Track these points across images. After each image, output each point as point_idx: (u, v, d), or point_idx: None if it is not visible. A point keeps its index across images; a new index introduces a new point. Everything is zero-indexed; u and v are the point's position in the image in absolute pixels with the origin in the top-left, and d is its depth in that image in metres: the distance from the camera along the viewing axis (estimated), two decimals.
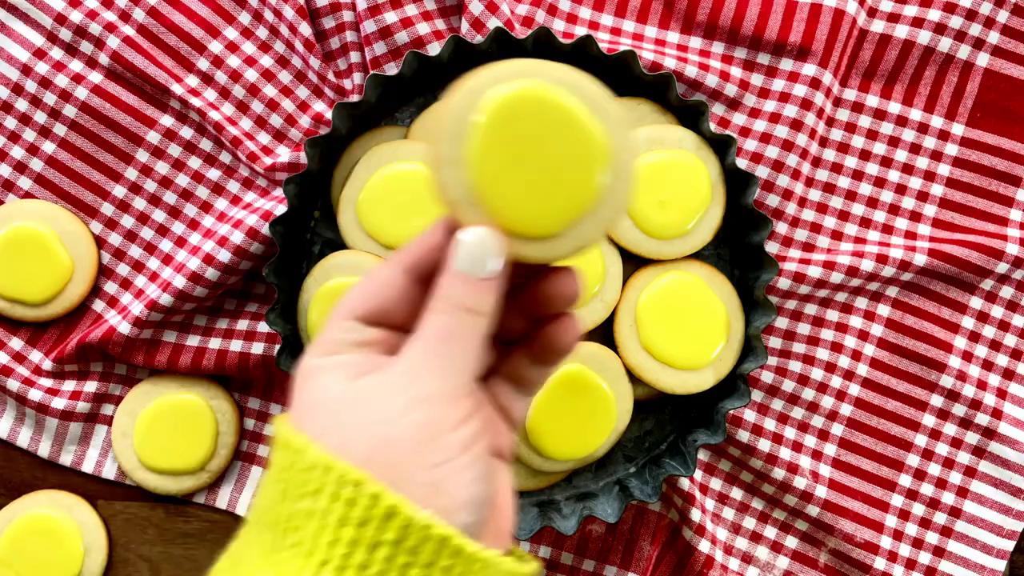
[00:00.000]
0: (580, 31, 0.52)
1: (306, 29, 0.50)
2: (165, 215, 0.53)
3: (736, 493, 0.52)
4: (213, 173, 0.52)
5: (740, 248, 0.49)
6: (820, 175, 0.53)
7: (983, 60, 0.52)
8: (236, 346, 0.51)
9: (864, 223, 0.52)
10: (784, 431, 0.52)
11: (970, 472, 0.52)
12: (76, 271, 0.51)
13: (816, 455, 0.52)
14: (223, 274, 0.50)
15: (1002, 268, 0.51)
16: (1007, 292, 0.52)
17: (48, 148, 0.52)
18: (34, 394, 0.51)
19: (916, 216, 0.52)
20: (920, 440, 0.52)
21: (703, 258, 0.49)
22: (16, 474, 0.53)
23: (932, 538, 0.52)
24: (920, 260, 0.51)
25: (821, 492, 0.51)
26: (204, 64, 0.52)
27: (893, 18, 0.52)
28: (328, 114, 0.51)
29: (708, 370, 0.47)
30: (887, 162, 0.52)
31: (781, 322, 0.52)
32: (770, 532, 0.52)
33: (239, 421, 0.52)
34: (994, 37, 0.52)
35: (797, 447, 0.52)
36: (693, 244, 0.48)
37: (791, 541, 0.52)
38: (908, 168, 0.52)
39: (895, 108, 0.52)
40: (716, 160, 0.48)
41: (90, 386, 0.52)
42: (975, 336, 0.52)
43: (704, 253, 0.49)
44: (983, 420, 0.51)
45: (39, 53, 0.52)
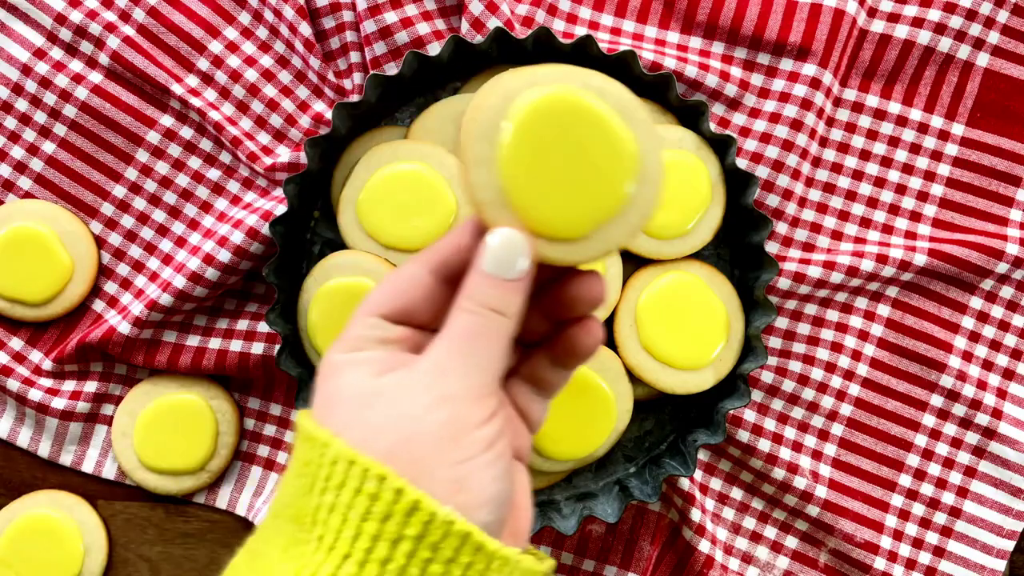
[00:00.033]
0: (580, 31, 0.52)
1: (306, 29, 0.50)
2: (165, 215, 0.53)
3: (736, 493, 0.52)
4: (213, 173, 0.52)
5: (740, 248, 0.49)
6: (820, 175, 0.53)
7: (983, 60, 0.52)
8: (236, 346, 0.51)
9: (864, 223, 0.52)
10: (784, 431, 0.52)
11: (970, 472, 0.52)
12: (76, 271, 0.51)
13: (816, 455, 0.52)
14: (223, 274, 0.50)
15: (1002, 268, 0.51)
16: (1007, 292, 0.52)
17: (48, 148, 0.52)
18: (34, 394, 0.51)
19: (916, 216, 0.52)
20: (920, 440, 0.52)
21: (703, 258, 0.49)
22: (16, 474, 0.53)
23: (932, 538, 0.52)
24: (920, 260, 0.51)
25: (821, 492, 0.51)
26: (204, 64, 0.52)
27: (893, 18, 0.52)
28: (328, 114, 0.51)
29: (708, 370, 0.47)
30: (887, 162, 0.52)
31: (781, 322, 0.52)
32: (770, 532, 0.52)
33: (239, 421, 0.52)
34: (994, 37, 0.52)
35: (797, 447, 0.52)
36: (693, 244, 0.48)
37: (791, 541, 0.52)
38: (908, 168, 0.52)
39: (895, 108, 0.52)
40: (716, 160, 0.48)
41: (90, 386, 0.52)
42: (975, 336, 0.52)
43: (704, 253, 0.49)
44: (983, 420, 0.51)
45: (39, 53, 0.52)
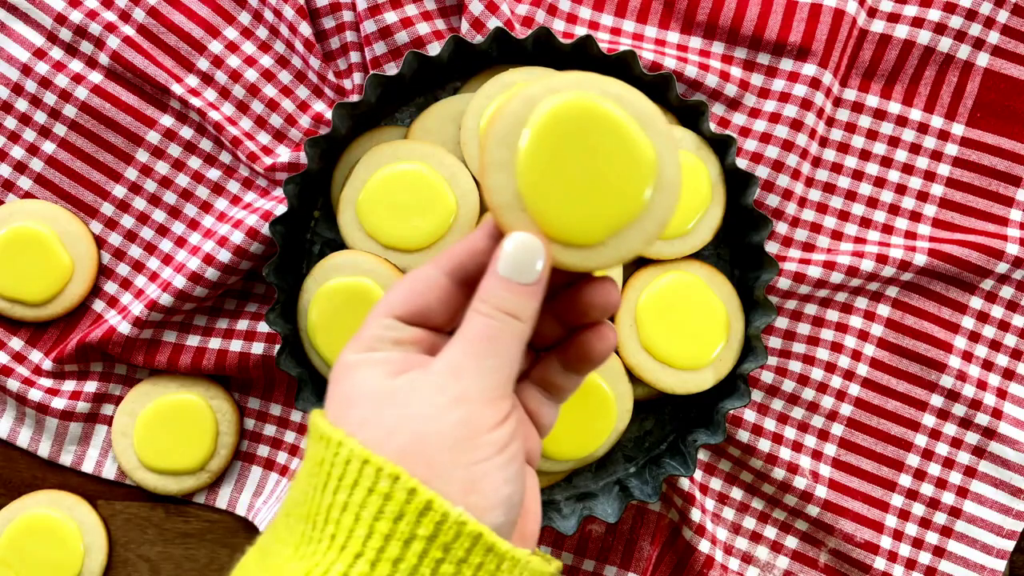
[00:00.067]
0: (580, 31, 0.52)
1: (306, 29, 0.50)
2: (165, 215, 0.53)
3: (736, 493, 0.52)
4: (213, 173, 0.52)
5: (740, 248, 0.49)
6: (820, 175, 0.53)
7: (983, 60, 0.52)
8: (236, 346, 0.51)
9: (864, 223, 0.52)
10: (784, 431, 0.52)
11: (970, 472, 0.52)
12: (76, 271, 0.51)
13: (816, 455, 0.52)
14: (223, 274, 0.50)
15: (1002, 268, 0.51)
16: (1007, 292, 0.52)
17: (48, 148, 0.52)
18: (34, 394, 0.51)
19: (916, 216, 0.52)
20: (920, 440, 0.52)
21: (703, 258, 0.49)
22: (16, 474, 0.53)
23: (932, 538, 0.52)
24: (920, 260, 0.51)
25: (821, 492, 0.51)
26: (204, 64, 0.52)
27: (893, 18, 0.52)
28: (328, 114, 0.51)
29: (708, 370, 0.47)
30: (887, 162, 0.52)
31: (781, 322, 0.52)
32: (770, 532, 0.52)
33: (239, 421, 0.52)
34: (994, 37, 0.52)
35: (797, 447, 0.52)
36: (693, 244, 0.48)
37: (791, 541, 0.52)
38: (908, 168, 0.52)
39: (895, 108, 0.52)
40: (716, 160, 0.48)
41: (90, 386, 0.52)
42: (975, 336, 0.52)
43: (704, 253, 0.49)
44: (983, 420, 0.51)
45: (39, 53, 0.52)
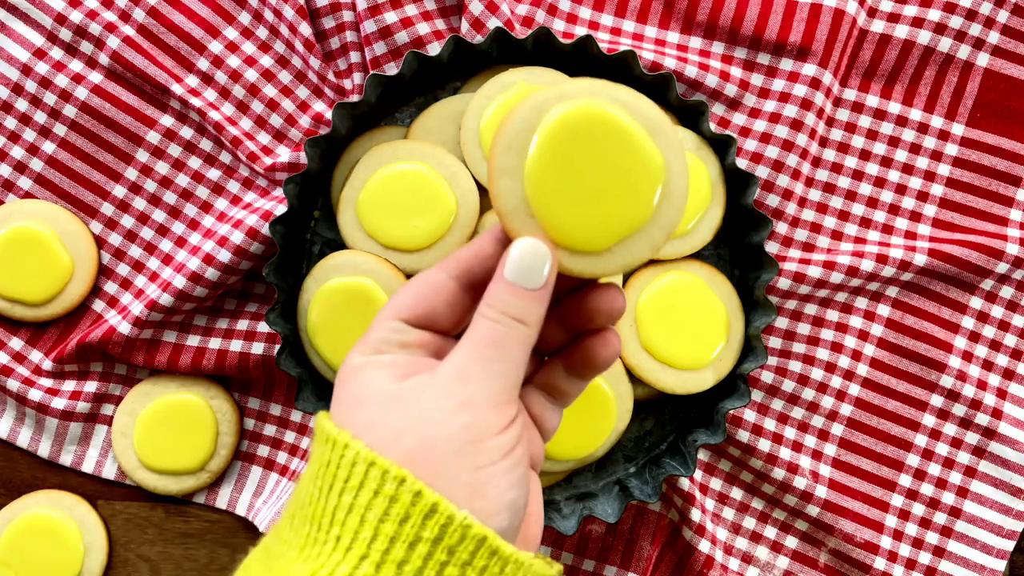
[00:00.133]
0: (580, 31, 0.52)
1: (306, 29, 0.50)
2: (165, 215, 0.53)
3: (736, 493, 0.52)
4: (213, 173, 0.52)
5: (740, 248, 0.49)
6: (820, 175, 0.53)
7: (983, 60, 0.52)
8: (236, 346, 0.51)
9: (864, 223, 0.52)
10: (784, 431, 0.52)
11: (970, 472, 0.52)
12: (76, 271, 0.51)
13: (816, 455, 0.52)
14: (223, 274, 0.50)
15: (1002, 268, 0.51)
16: (1007, 292, 0.52)
17: (48, 148, 0.52)
18: (34, 394, 0.51)
19: (916, 216, 0.52)
20: (920, 440, 0.52)
21: (703, 258, 0.49)
22: (16, 474, 0.53)
23: (932, 538, 0.52)
24: (920, 260, 0.51)
25: (821, 492, 0.51)
26: (204, 64, 0.52)
27: (893, 18, 0.52)
28: (328, 114, 0.51)
29: (708, 370, 0.47)
30: (887, 162, 0.52)
31: (781, 322, 0.52)
32: (770, 532, 0.52)
33: (239, 421, 0.52)
34: (994, 37, 0.52)
35: (797, 447, 0.52)
36: (693, 244, 0.48)
37: (791, 541, 0.52)
38: (908, 168, 0.52)
39: (895, 108, 0.52)
40: (716, 160, 0.48)
41: (90, 386, 0.52)
42: (975, 336, 0.52)
43: (704, 253, 0.49)
44: (983, 420, 0.51)
45: (39, 53, 0.52)
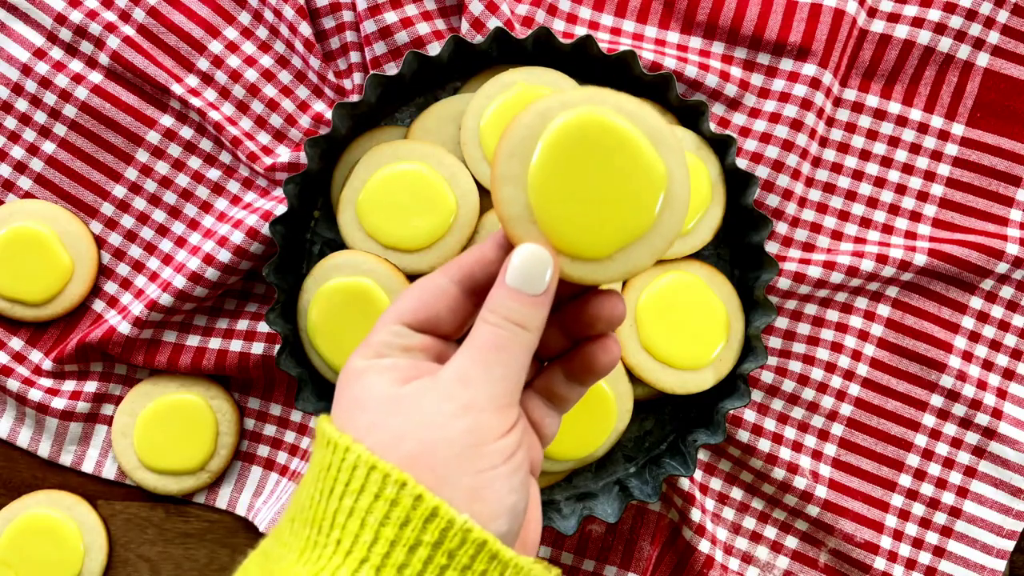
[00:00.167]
0: (580, 31, 0.52)
1: (306, 29, 0.50)
2: (165, 215, 0.53)
3: (736, 493, 0.52)
4: (213, 173, 0.52)
5: (740, 248, 0.49)
6: (820, 175, 0.53)
7: (983, 60, 0.52)
8: (236, 346, 0.51)
9: (864, 223, 0.52)
10: (784, 431, 0.52)
11: (970, 472, 0.52)
12: (76, 271, 0.51)
13: (816, 455, 0.52)
14: (223, 274, 0.50)
15: (1002, 268, 0.51)
16: (1007, 292, 0.52)
17: (48, 148, 0.52)
18: (34, 394, 0.51)
19: (916, 216, 0.52)
20: (920, 440, 0.52)
21: (703, 258, 0.49)
22: (16, 474, 0.53)
23: (932, 538, 0.52)
24: (920, 260, 0.51)
25: (821, 492, 0.51)
26: (204, 64, 0.52)
27: (893, 18, 0.52)
28: (328, 114, 0.51)
29: (708, 370, 0.47)
30: (887, 162, 0.52)
31: (781, 322, 0.52)
32: (770, 532, 0.52)
33: (239, 421, 0.52)
34: (994, 37, 0.52)
35: (797, 447, 0.52)
36: (693, 244, 0.48)
37: (791, 541, 0.52)
38: (908, 168, 0.52)
39: (895, 108, 0.52)
40: (716, 160, 0.48)
41: (90, 386, 0.52)
42: (975, 336, 0.52)
43: (704, 253, 0.49)
44: (983, 420, 0.51)
45: (39, 53, 0.52)
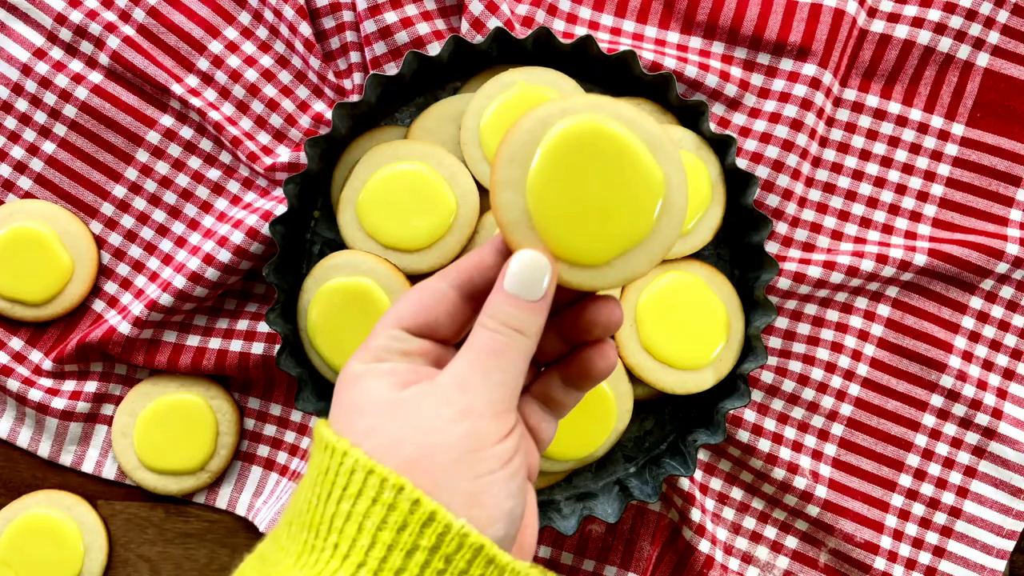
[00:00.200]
0: (580, 31, 0.52)
1: (306, 29, 0.50)
2: (165, 215, 0.53)
3: (736, 493, 0.52)
4: (213, 173, 0.52)
5: (740, 248, 0.49)
6: (820, 175, 0.53)
7: (983, 60, 0.52)
8: (236, 346, 0.51)
9: (864, 223, 0.52)
10: (784, 431, 0.52)
11: (970, 472, 0.52)
12: (76, 271, 0.51)
13: (816, 455, 0.52)
14: (223, 274, 0.50)
15: (1002, 268, 0.51)
16: (1007, 292, 0.52)
17: (48, 148, 0.52)
18: (34, 394, 0.51)
19: (916, 216, 0.52)
20: (920, 440, 0.52)
21: (703, 258, 0.49)
22: (16, 474, 0.53)
23: (932, 538, 0.52)
24: (920, 260, 0.51)
25: (821, 492, 0.51)
26: (204, 64, 0.52)
27: (893, 18, 0.52)
28: (328, 114, 0.51)
29: (708, 370, 0.47)
30: (887, 162, 0.52)
31: (781, 322, 0.52)
32: (770, 532, 0.52)
33: (239, 421, 0.52)
34: (994, 37, 0.52)
35: (797, 447, 0.52)
36: (693, 244, 0.48)
37: (791, 541, 0.52)
38: (908, 168, 0.52)
39: (895, 108, 0.52)
40: (716, 160, 0.48)
41: (90, 386, 0.52)
42: (975, 336, 0.52)
43: (704, 253, 0.49)
44: (983, 420, 0.51)
45: (39, 53, 0.52)
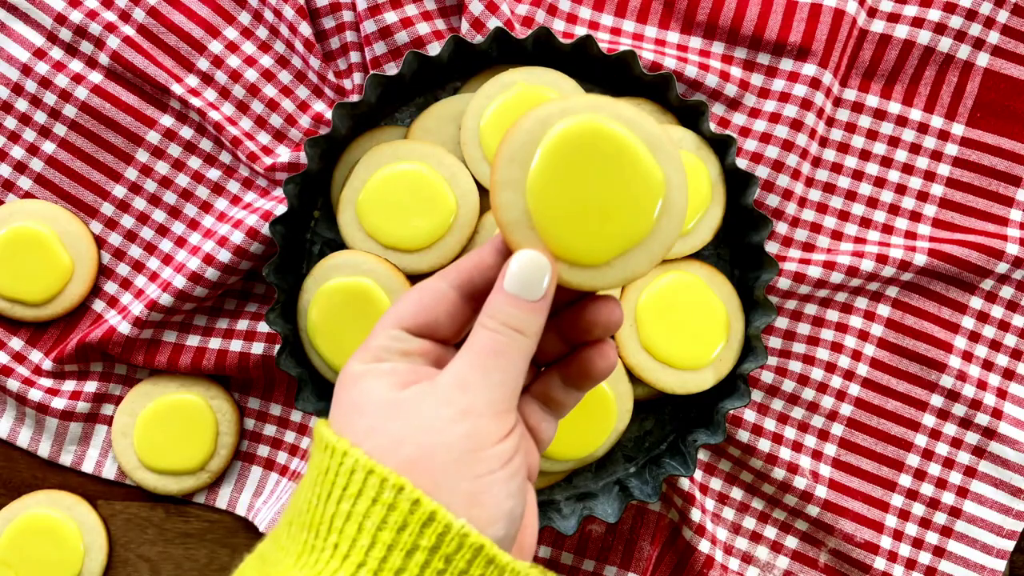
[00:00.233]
0: (580, 31, 0.52)
1: (306, 29, 0.50)
2: (165, 215, 0.53)
3: (736, 493, 0.52)
4: (213, 173, 0.52)
5: (740, 248, 0.49)
6: (820, 175, 0.53)
7: (983, 60, 0.52)
8: (236, 346, 0.51)
9: (864, 223, 0.52)
10: (784, 431, 0.52)
11: (970, 472, 0.52)
12: (76, 271, 0.51)
13: (816, 455, 0.52)
14: (223, 274, 0.50)
15: (1002, 268, 0.51)
16: (1007, 292, 0.52)
17: (48, 148, 0.52)
18: (34, 394, 0.51)
19: (916, 216, 0.52)
20: (920, 440, 0.52)
21: (703, 258, 0.49)
22: (16, 474, 0.53)
23: (932, 538, 0.52)
24: (920, 260, 0.51)
25: (821, 492, 0.51)
26: (204, 64, 0.52)
27: (893, 18, 0.52)
28: (328, 114, 0.51)
29: (708, 370, 0.47)
30: (887, 162, 0.52)
31: (781, 322, 0.52)
32: (770, 532, 0.52)
33: (239, 421, 0.52)
34: (994, 37, 0.52)
35: (797, 447, 0.52)
36: (693, 244, 0.48)
37: (791, 541, 0.52)
38: (908, 168, 0.52)
39: (895, 108, 0.52)
40: (716, 160, 0.48)
41: (90, 386, 0.52)
42: (975, 336, 0.52)
43: (704, 253, 0.49)
44: (983, 420, 0.51)
45: (39, 53, 0.52)
